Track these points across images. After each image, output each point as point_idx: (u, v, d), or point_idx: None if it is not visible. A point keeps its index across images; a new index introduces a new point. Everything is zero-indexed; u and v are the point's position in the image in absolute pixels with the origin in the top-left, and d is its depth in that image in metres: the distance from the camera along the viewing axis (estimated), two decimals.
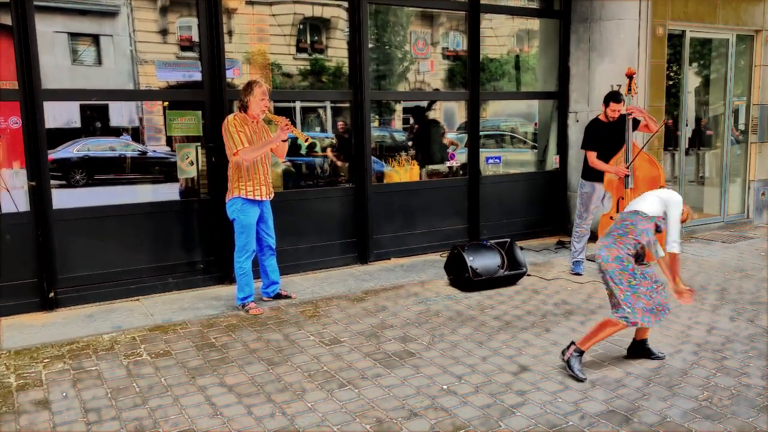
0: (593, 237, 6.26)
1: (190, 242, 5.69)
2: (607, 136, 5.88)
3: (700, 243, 7.64)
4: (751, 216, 8.77)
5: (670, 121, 6.26)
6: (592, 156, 5.89)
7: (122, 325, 4.78)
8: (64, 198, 5.54)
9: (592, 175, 5.97)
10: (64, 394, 3.62)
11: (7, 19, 4.86)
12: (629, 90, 5.77)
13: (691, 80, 8.46)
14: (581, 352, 3.83)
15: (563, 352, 3.92)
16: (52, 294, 5.10)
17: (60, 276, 5.15)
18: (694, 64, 8.58)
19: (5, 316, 4.92)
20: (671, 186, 8.07)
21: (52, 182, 5.20)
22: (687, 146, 8.26)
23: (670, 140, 8.11)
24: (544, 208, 7.77)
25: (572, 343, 3.90)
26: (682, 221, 3.78)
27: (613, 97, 5.84)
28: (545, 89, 8.02)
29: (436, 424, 3.24)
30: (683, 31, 7.79)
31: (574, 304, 5.25)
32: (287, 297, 5.39)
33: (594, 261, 6.29)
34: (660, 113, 7.49)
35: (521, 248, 6.05)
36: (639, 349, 4.07)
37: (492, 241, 5.90)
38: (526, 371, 3.89)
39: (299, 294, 5.50)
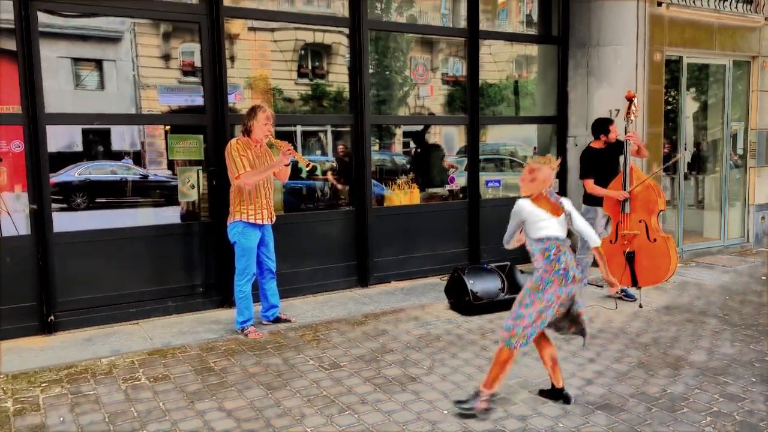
0: (594, 261, 6.25)
1: (190, 265, 5.69)
2: (602, 163, 5.95)
3: (700, 267, 7.63)
4: (751, 240, 8.78)
5: (684, 153, 6.35)
6: (590, 183, 5.94)
7: (121, 348, 4.75)
8: (64, 221, 5.54)
9: (594, 200, 6.01)
10: (62, 418, 3.59)
11: (11, 45, 4.92)
12: (628, 113, 5.82)
13: (689, 105, 8.53)
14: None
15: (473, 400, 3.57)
16: (51, 317, 5.09)
17: (59, 299, 5.14)
18: (692, 89, 8.65)
19: (4, 340, 4.89)
20: (671, 210, 8.09)
21: (54, 205, 5.22)
22: (686, 170, 8.29)
23: (668, 162, 8.14)
24: None
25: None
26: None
27: (603, 127, 5.97)
28: (544, 114, 8.07)
29: None
30: (680, 57, 7.88)
31: None
32: (287, 321, 5.37)
33: (595, 285, 6.28)
34: (658, 138, 7.54)
35: (522, 271, 6.04)
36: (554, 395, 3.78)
37: (492, 265, 5.90)
38: (527, 396, 3.86)
39: (299, 317, 5.49)
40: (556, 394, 3.77)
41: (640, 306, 5.81)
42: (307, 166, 5.12)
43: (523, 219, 3.53)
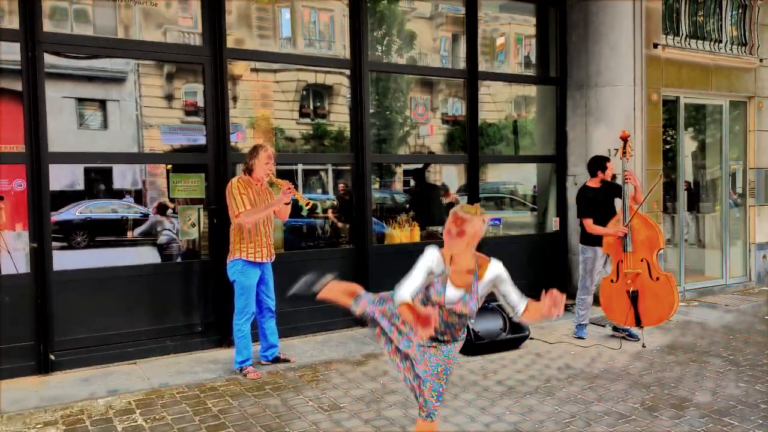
0: (595, 300, 6.22)
1: (189, 304, 5.65)
2: (598, 201, 5.95)
3: (702, 306, 7.58)
4: (753, 279, 8.74)
5: (661, 175, 6.33)
6: (589, 223, 5.93)
7: (118, 388, 4.69)
8: (64, 259, 5.54)
9: (591, 240, 6.00)
10: None
11: (17, 85, 4.99)
12: (624, 153, 5.85)
13: (688, 144, 8.60)
14: None
15: None
16: (49, 357, 5.03)
17: (57, 338, 5.09)
18: (690, 129, 8.74)
19: (1, 380, 4.83)
20: (670, 248, 8.08)
21: (54, 243, 5.22)
22: (686, 209, 8.31)
23: (668, 199, 8.18)
24: (545, 269, 7.75)
25: None
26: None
27: (599, 165, 6.00)
28: (543, 153, 8.14)
29: None
30: (677, 97, 7.98)
31: (578, 368, 5.17)
32: (286, 360, 5.31)
33: (598, 325, 6.23)
34: (657, 176, 7.57)
35: None
36: None
37: (494, 304, 5.86)
38: None
39: (298, 357, 5.43)
40: None
41: (644, 346, 5.75)
42: (307, 205, 5.14)
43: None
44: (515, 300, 3.09)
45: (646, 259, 5.70)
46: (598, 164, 6.04)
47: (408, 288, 2.89)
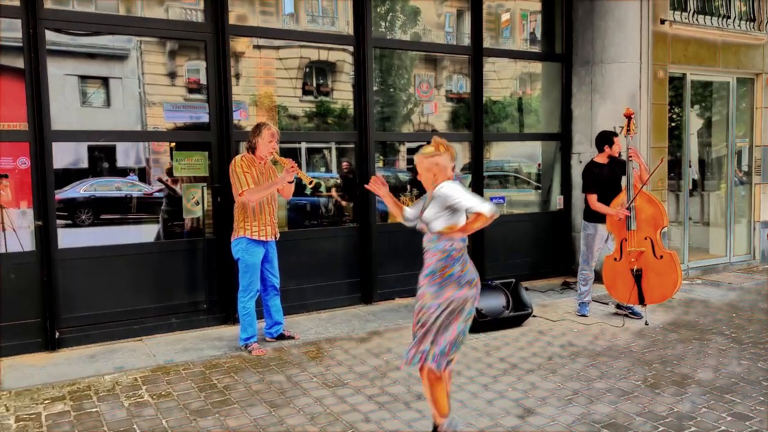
0: (598, 278, 6.23)
1: (194, 282, 5.68)
2: (605, 178, 5.92)
3: (706, 284, 7.58)
4: (758, 257, 8.73)
5: (663, 158, 6.28)
6: (593, 199, 5.91)
7: (124, 365, 4.74)
8: (69, 237, 5.56)
9: (594, 216, 5.98)
10: None
11: (19, 63, 4.97)
12: (628, 130, 5.81)
13: (694, 122, 8.53)
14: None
15: None
16: (55, 334, 5.08)
17: (63, 316, 5.14)
18: (696, 106, 8.67)
19: (8, 356, 4.89)
20: (675, 227, 8.07)
21: (58, 222, 5.23)
22: (691, 187, 8.28)
23: (674, 176, 8.14)
24: (549, 248, 7.75)
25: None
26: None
27: (607, 139, 5.94)
28: (548, 131, 8.09)
29: None
30: (684, 74, 7.90)
31: (581, 345, 5.19)
32: (290, 338, 5.35)
33: (600, 302, 6.25)
34: (663, 154, 7.54)
35: (526, 289, 6.02)
36: None
37: (497, 282, 5.88)
38: (532, 415, 3.82)
39: (303, 334, 5.46)
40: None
41: (646, 323, 5.77)
42: (310, 183, 5.13)
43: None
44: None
45: (650, 238, 5.69)
46: (605, 139, 5.98)
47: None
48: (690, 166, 8.27)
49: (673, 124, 7.99)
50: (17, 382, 4.40)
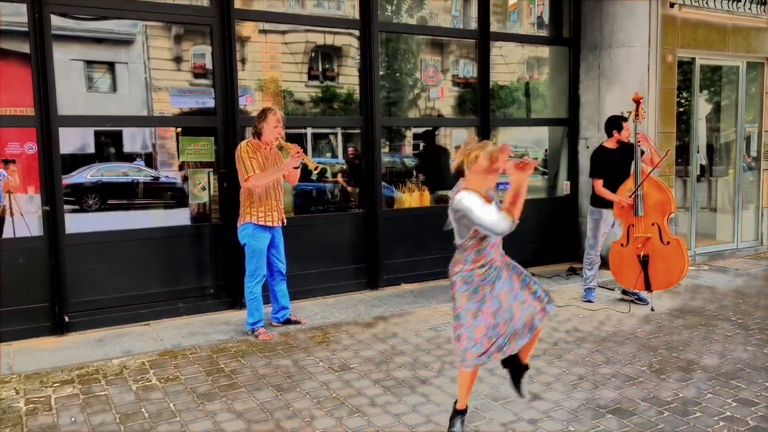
0: (605, 263, 6.22)
1: (200, 267, 5.71)
2: (613, 163, 5.89)
3: (713, 270, 7.56)
4: (765, 243, 8.69)
5: (668, 151, 6.22)
6: (599, 184, 5.89)
7: (132, 349, 4.78)
8: (77, 222, 5.59)
9: (600, 202, 5.96)
10: (73, 419, 3.61)
11: (25, 48, 4.97)
12: (637, 115, 5.77)
13: (702, 107, 8.46)
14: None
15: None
16: (63, 318, 5.12)
17: (71, 300, 5.17)
18: (705, 91, 8.59)
19: (17, 340, 4.93)
20: (682, 213, 8.04)
21: (66, 207, 5.25)
22: (699, 173, 8.23)
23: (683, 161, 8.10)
24: (554, 234, 7.74)
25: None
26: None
27: (616, 124, 5.90)
28: (555, 116, 8.04)
29: None
30: (693, 59, 7.82)
31: (586, 331, 5.20)
32: (297, 322, 5.37)
33: (606, 288, 6.23)
34: (670, 139, 7.49)
35: (532, 274, 6.01)
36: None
37: None
38: (537, 400, 3.84)
39: (309, 319, 5.49)
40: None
41: (652, 309, 5.76)
42: (316, 169, 5.13)
43: None
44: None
45: (657, 223, 5.67)
46: (614, 124, 5.94)
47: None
48: (698, 152, 8.21)
49: (681, 109, 7.93)
50: (27, 366, 4.45)
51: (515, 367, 3.47)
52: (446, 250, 7.36)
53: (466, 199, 3.09)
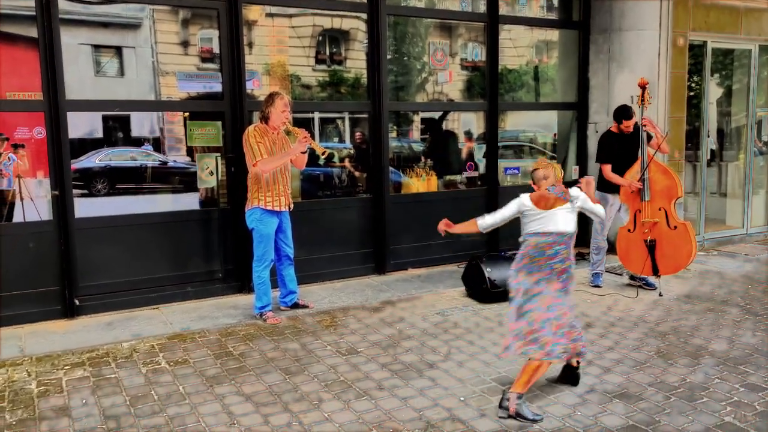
0: (612, 249, 6.20)
1: (209, 251, 5.73)
2: (621, 148, 5.86)
3: (722, 256, 7.53)
4: None
5: (667, 134, 6.17)
6: (607, 169, 5.86)
7: (141, 333, 4.82)
8: (86, 207, 5.61)
9: (607, 187, 5.94)
10: (84, 401, 3.66)
11: (33, 32, 4.97)
12: (642, 100, 5.72)
13: (713, 91, 8.37)
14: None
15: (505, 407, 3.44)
16: (74, 301, 5.17)
17: (81, 284, 5.22)
18: (716, 75, 8.49)
19: (28, 323, 4.99)
20: (692, 198, 7.99)
21: (75, 191, 5.28)
22: (709, 158, 8.17)
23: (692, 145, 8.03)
24: None
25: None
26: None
27: (623, 114, 5.83)
28: (564, 100, 7.98)
29: None
30: (704, 42, 7.73)
31: (594, 316, 5.20)
32: (305, 306, 5.40)
33: (614, 273, 6.23)
34: (681, 124, 7.42)
35: None
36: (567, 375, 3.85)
37: (510, 253, 5.86)
38: (544, 384, 3.85)
39: (317, 304, 5.52)
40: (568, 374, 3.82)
41: (660, 294, 5.75)
42: (323, 154, 5.12)
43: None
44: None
45: (664, 208, 5.64)
46: (620, 114, 5.89)
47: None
48: (708, 136, 8.14)
49: (691, 94, 7.85)
50: (38, 348, 4.49)
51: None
52: (453, 236, 7.37)
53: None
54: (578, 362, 3.82)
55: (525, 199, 3.62)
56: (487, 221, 3.80)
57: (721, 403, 3.57)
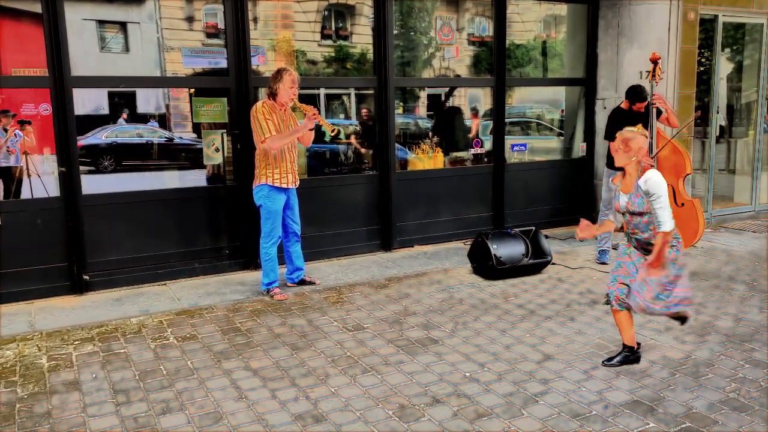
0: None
1: (216, 228, 5.75)
2: (628, 124, 5.79)
3: (729, 233, 7.50)
4: None
5: (699, 112, 6.07)
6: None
7: (150, 308, 4.86)
8: (93, 183, 5.63)
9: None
10: (94, 375, 3.70)
11: (36, 7, 4.93)
12: (653, 76, 5.64)
13: (723, 66, 8.26)
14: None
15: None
16: (82, 277, 5.21)
17: (89, 260, 5.25)
18: (727, 50, 8.38)
19: (38, 299, 5.04)
20: (700, 175, 7.94)
21: (82, 168, 5.29)
22: (718, 134, 8.09)
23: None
24: (569, 196, 7.69)
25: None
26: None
27: (638, 96, 5.73)
28: (572, 76, 7.90)
29: (458, 411, 3.25)
30: (716, 16, 7.61)
31: (600, 293, 5.20)
32: (311, 283, 5.43)
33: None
34: (690, 100, 7.34)
35: (546, 236, 6.00)
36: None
37: (516, 230, 5.87)
38: (549, 360, 3.87)
39: (323, 280, 5.54)
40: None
41: None
42: (333, 131, 5.10)
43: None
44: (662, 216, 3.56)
45: (673, 185, 5.61)
46: (634, 95, 5.77)
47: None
48: (718, 112, 8.06)
49: (701, 69, 7.75)
50: (48, 324, 4.54)
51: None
52: (459, 213, 7.38)
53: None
54: (638, 344, 3.88)
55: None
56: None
57: (725, 380, 3.58)
